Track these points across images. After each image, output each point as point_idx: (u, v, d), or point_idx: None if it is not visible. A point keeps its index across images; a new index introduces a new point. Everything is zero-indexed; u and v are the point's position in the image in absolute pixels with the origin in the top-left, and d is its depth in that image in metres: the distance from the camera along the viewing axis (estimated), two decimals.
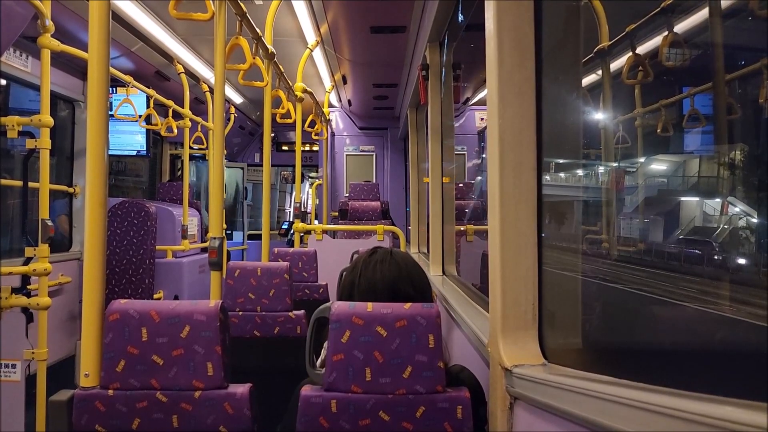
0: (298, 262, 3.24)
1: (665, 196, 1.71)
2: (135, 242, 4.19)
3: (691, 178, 1.60)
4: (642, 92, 1.81)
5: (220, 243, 2.19)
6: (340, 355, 1.14)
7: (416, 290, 1.31)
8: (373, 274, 1.30)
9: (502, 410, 1.11)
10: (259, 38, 2.95)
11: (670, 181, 1.72)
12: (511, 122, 1.15)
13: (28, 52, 3.25)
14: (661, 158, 1.79)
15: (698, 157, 1.57)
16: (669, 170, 1.72)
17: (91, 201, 1.38)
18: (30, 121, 2.72)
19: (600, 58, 1.79)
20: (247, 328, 2.23)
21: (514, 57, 1.16)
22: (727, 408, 0.54)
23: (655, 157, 1.82)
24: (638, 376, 0.77)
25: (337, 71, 5.33)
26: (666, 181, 1.73)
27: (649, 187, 1.74)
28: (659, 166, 1.79)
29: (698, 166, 1.56)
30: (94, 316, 1.34)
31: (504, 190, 1.15)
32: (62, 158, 3.95)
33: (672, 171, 1.71)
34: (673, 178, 1.71)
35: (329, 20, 3.85)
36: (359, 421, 1.13)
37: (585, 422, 0.79)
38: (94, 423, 1.20)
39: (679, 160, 1.67)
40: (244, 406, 1.23)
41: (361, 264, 1.33)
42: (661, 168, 1.77)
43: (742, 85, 1.38)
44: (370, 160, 7.52)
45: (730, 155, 1.34)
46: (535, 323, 1.14)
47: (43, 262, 2.73)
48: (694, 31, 1.49)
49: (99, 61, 1.40)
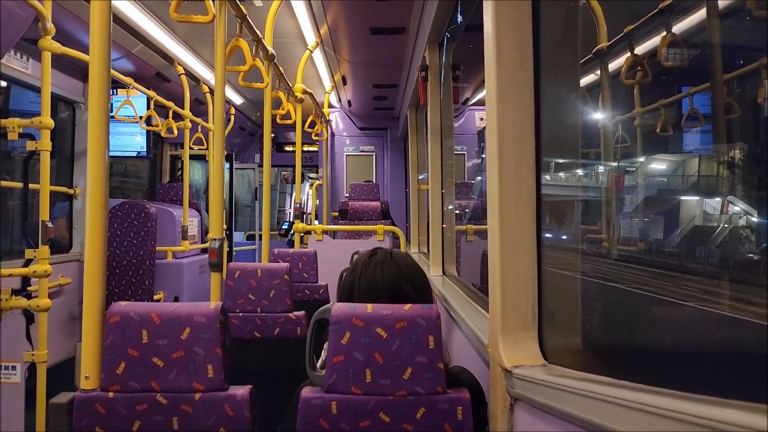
0: (298, 262, 3.24)
1: (664, 196, 1.71)
2: (135, 243, 4.19)
3: (690, 177, 1.60)
4: (641, 92, 1.81)
5: (220, 244, 2.19)
6: (340, 356, 1.15)
7: (416, 291, 1.31)
8: (374, 274, 1.30)
9: (503, 411, 1.11)
10: (259, 40, 2.95)
11: (670, 180, 1.72)
12: (510, 123, 1.15)
13: (29, 54, 3.25)
14: (660, 158, 1.79)
15: (698, 157, 1.57)
16: (668, 169, 1.73)
17: (92, 202, 1.38)
18: (31, 123, 2.72)
19: (598, 58, 1.79)
20: (247, 329, 2.23)
21: (513, 58, 1.16)
22: (726, 410, 0.54)
23: (654, 157, 1.82)
24: (638, 378, 0.77)
25: (337, 72, 5.34)
26: (666, 180, 1.73)
27: (649, 186, 1.74)
28: (658, 166, 1.79)
29: (698, 166, 1.56)
30: (94, 319, 1.34)
31: (503, 191, 1.15)
32: (63, 160, 3.96)
33: (671, 170, 1.71)
34: (672, 177, 1.71)
35: (329, 21, 3.86)
36: (359, 423, 1.13)
37: (585, 423, 0.79)
38: (95, 425, 1.20)
39: (678, 159, 1.67)
40: (244, 407, 1.23)
41: (361, 265, 1.33)
42: (660, 167, 1.77)
43: (741, 84, 1.38)
44: (370, 160, 7.52)
45: (730, 154, 1.34)
46: (535, 324, 1.14)
47: (44, 263, 2.73)
48: (692, 32, 1.50)
49: (100, 63, 1.40)
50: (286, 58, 4.47)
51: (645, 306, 1.51)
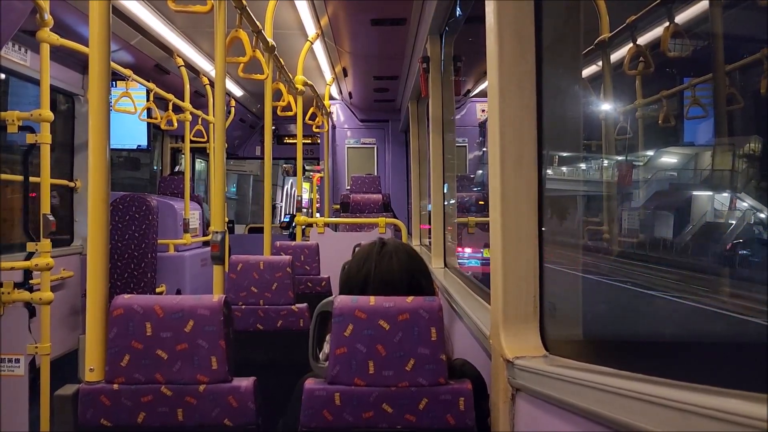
0: (300, 255, 3.25)
1: (669, 189, 1.71)
2: (137, 236, 4.19)
3: (697, 170, 1.60)
4: (643, 83, 1.80)
5: (222, 237, 2.19)
6: (343, 348, 1.15)
7: (427, 281, 1.31)
8: (389, 266, 1.27)
9: (504, 402, 1.12)
10: (259, 31, 2.94)
11: (677, 172, 1.72)
12: (511, 116, 1.15)
13: (27, 46, 3.24)
14: (665, 150, 1.78)
15: (703, 149, 1.56)
16: (673, 162, 1.72)
17: (94, 196, 1.38)
18: (30, 116, 2.71)
19: (600, 49, 1.78)
20: (250, 321, 2.24)
21: (514, 50, 1.15)
22: (727, 399, 0.54)
23: (659, 149, 1.82)
24: (638, 368, 0.77)
25: (338, 64, 5.31)
26: (675, 174, 1.73)
27: (655, 180, 1.74)
28: (663, 159, 1.79)
29: (701, 158, 1.56)
30: (98, 312, 1.35)
31: (505, 183, 1.15)
32: (63, 152, 3.95)
33: (676, 163, 1.71)
34: (676, 170, 1.70)
35: (329, 12, 3.83)
36: (362, 414, 1.14)
37: (585, 413, 0.80)
38: (100, 417, 1.21)
39: (682, 152, 1.67)
40: (248, 399, 1.24)
41: (374, 256, 1.29)
42: (667, 160, 1.77)
43: (743, 75, 1.37)
44: (371, 152, 7.51)
45: (736, 146, 1.34)
46: (537, 315, 1.15)
47: (45, 257, 2.74)
48: (694, 22, 1.49)
49: (100, 55, 1.39)
50: (287, 50, 4.45)
51: (643, 299, 1.52)
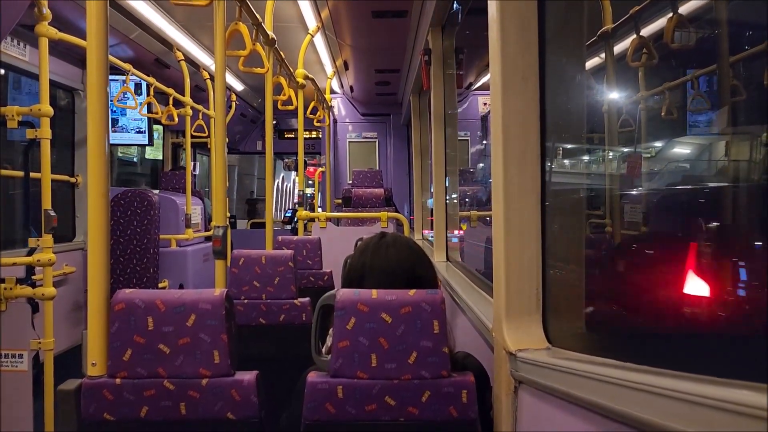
0: (303, 249, 3.25)
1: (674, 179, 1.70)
2: (138, 232, 4.19)
3: (711, 162, 1.59)
4: (646, 75, 1.79)
5: (224, 232, 2.19)
6: (345, 341, 1.15)
7: (428, 273, 1.31)
8: (387, 257, 1.28)
9: (507, 394, 1.12)
10: (259, 24, 2.92)
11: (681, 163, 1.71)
12: (514, 109, 1.14)
13: (26, 41, 3.22)
14: (676, 140, 1.78)
15: (715, 139, 1.56)
16: (678, 152, 1.71)
17: (93, 191, 1.37)
18: (29, 111, 2.70)
19: (604, 40, 1.77)
20: (252, 316, 2.24)
21: (517, 42, 1.14)
22: (729, 389, 0.54)
23: (670, 140, 1.81)
24: (641, 359, 0.77)
25: (339, 57, 5.28)
26: (688, 166, 1.72)
27: (662, 172, 1.74)
28: (669, 149, 1.78)
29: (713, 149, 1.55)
30: (99, 306, 1.35)
31: (508, 177, 1.15)
32: (63, 148, 3.94)
33: (681, 153, 1.70)
34: (682, 160, 1.70)
35: (330, 5, 3.81)
36: (365, 407, 1.14)
37: (588, 405, 0.80)
38: (103, 411, 1.21)
39: (686, 141, 1.66)
40: (251, 393, 1.24)
41: (371, 248, 1.30)
42: (676, 151, 1.76)
43: (747, 66, 1.36)
44: (373, 146, 7.49)
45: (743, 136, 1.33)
46: (539, 308, 1.14)
47: (47, 252, 2.74)
48: (698, 13, 1.47)
49: (98, 49, 1.38)
50: (287, 43, 4.42)
51: (647, 289, 1.51)
